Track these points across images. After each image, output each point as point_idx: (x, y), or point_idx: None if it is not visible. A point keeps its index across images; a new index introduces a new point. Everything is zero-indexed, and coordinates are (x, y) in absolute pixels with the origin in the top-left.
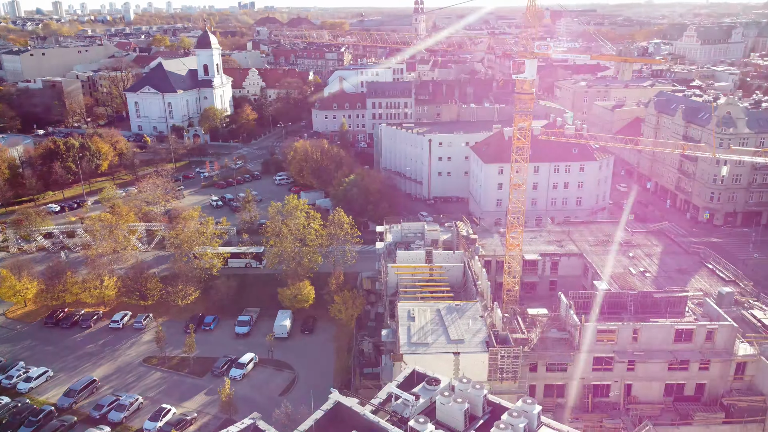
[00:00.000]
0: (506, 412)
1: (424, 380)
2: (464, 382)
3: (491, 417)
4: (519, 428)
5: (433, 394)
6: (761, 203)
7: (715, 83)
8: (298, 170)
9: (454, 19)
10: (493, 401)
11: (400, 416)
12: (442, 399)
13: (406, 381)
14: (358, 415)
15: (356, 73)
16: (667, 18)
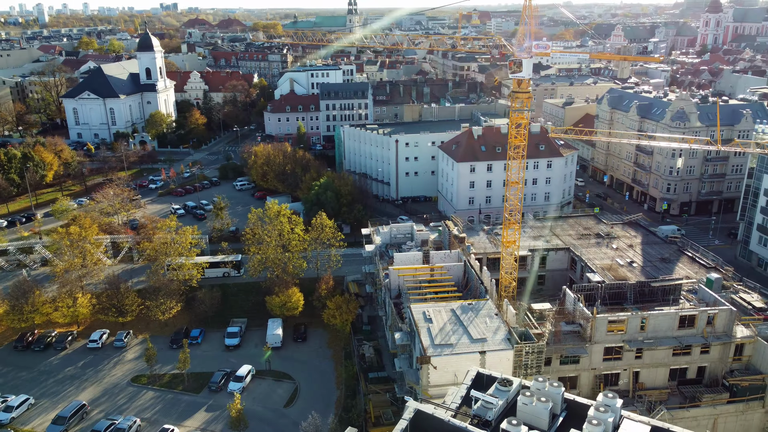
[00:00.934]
0: (591, 407)
1: (496, 381)
2: (540, 380)
3: (569, 414)
4: (608, 423)
5: (508, 394)
6: (712, 192)
7: (651, 80)
8: (260, 175)
9: (385, 20)
10: (567, 398)
11: (484, 419)
12: (524, 399)
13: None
14: (442, 422)
15: (306, 75)
16: (588, 18)
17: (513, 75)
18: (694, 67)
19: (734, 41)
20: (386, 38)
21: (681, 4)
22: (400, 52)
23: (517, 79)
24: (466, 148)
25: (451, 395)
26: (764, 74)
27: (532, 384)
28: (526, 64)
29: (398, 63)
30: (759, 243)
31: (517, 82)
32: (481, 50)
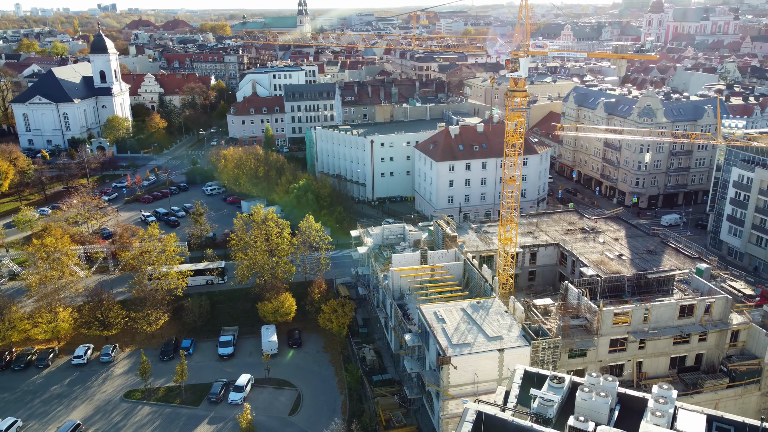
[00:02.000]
0: (649, 399)
1: (547, 378)
2: (594, 375)
3: (622, 407)
4: (669, 413)
5: (562, 391)
6: (677, 186)
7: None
8: (232, 179)
9: (335, 21)
10: (619, 391)
11: (544, 417)
12: (583, 395)
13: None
14: (506, 422)
15: (269, 76)
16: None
17: (510, 74)
18: (643, 65)
19: (674, 40)
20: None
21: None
22: (359, 53)
23: (513, 78)
24: (444, 148)
25: (499, 394)
26: (714, 71)
27: (586, 379)
28: (523, 64)
29: (359, 64)
30: (729, 233)
31: (514, 81)
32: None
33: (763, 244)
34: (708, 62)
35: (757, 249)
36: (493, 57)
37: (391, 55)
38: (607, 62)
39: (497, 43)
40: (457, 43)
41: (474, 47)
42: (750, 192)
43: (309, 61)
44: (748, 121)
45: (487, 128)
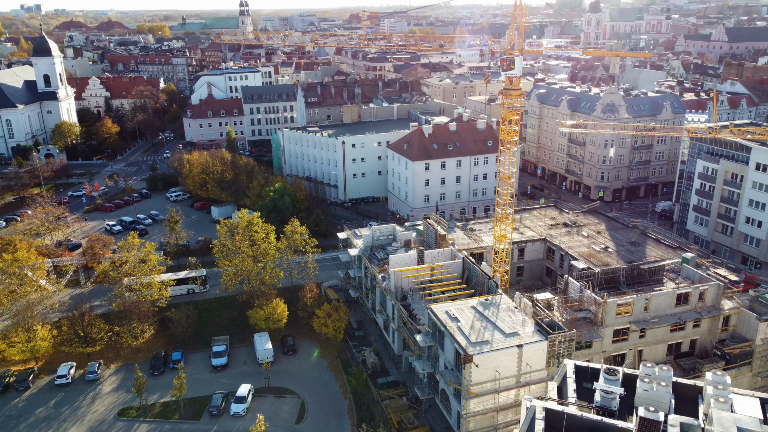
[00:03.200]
0: (707, 386)
1: (602, 372)
2: (648, 366)
3: (677, 395)
4: (729, 398)
5: (617, 383)
6: (639, 179)
7: (555, 76)
8: (198, 184)
9: (276, 22)
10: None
11: (609, 410)
12: (644, 385)
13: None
14: (575, 417)
15: (224, 78)
16: (472, 18)
17: (505, 73)
18: (588, 63)
19: (611, 39)
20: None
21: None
22: (312, 53)
23: (508, 77)
24: (419, 147)
25: (551, 390)
26: (661, 68)
27: (641, 370)
28: (518, 63)
29: (315, 64)
30: (695, 222)
31: (508, 80)
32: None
33: (728, 232)
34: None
35: (723, 237)
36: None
37: (342, 56)
38: (555, 61)
39: (466, 41)
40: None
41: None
42: (715, 183)
43: (262, 63)
44: (701, 115)
45: (460, 127)
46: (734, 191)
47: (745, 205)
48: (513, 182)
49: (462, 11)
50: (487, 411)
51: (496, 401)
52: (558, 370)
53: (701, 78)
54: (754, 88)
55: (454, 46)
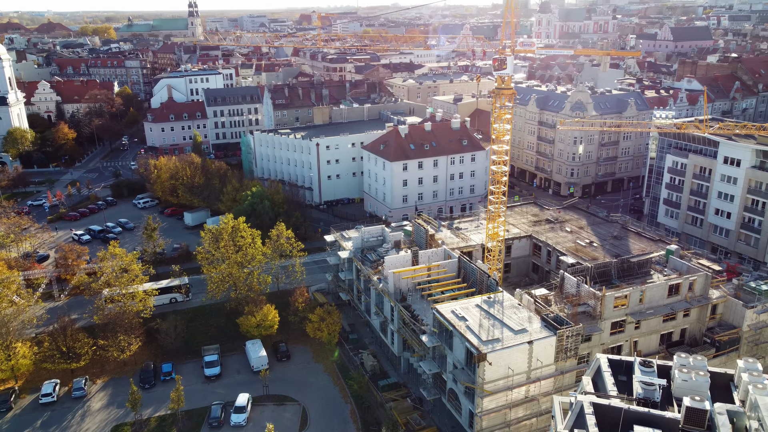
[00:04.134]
0: (741, 373)
1: (638, 364)
2: (683, 356)
3: (712, 383)
4: (766, 384)
5: (654, 374)
6: (606, 174)
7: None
8: (167, 190)
9: (225, 23)
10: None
11: (652, 401)
12: (683, 375)
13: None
14: (621, 411)
15: (185, 81)
16: (422, 19)
17: (497, 73)
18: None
19: (561, 38)
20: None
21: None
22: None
23: (500, 77)
24: (396, 148)
25: (587, 384)
26: (618, 67)
27: (676, 360)
28: (510, 62)
29: (276, 66)
30: (666, 215)
31: (500, 79)
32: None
33: (698, 224)
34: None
35: (693, 228)
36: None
37: (300, 57)
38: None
39: (441, 40)
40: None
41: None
42: (684, 177)
43: (221, 65)
44: (669, 111)
45: (435, 127)
46: (703, 184)
47: (714, 197)
48: (505, 181)
49: (411, 12)
50: (500, 408)
51: (508, 398)
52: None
53: (655, 76)
54: (709, 85)
55: (429, 46)
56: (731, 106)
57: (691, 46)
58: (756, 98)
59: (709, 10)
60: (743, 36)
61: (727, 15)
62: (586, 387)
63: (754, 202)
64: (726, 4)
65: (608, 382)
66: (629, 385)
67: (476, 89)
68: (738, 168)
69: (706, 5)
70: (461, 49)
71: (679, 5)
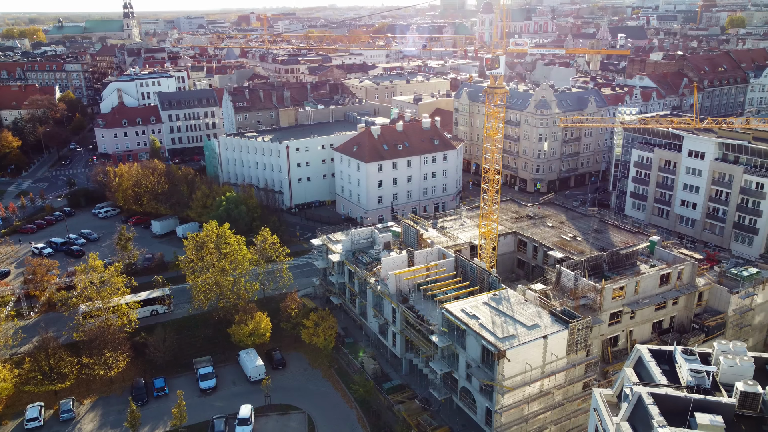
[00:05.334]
0: None
1: (680, 353)
2: (723, 343)
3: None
4: None
5: (698, 362)
6: (570, 170)
7: (465, 74)
8: (131, 198)
9: (161, 24)
10: None
11: (704, 388)
12: (728, 361)
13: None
14: (679, 399)
15: (135, 84)
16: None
17: (489, 72)
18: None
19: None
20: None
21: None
22: (219, 56)
23: (493, 76)
24: (370, 149)
25: (630, 375)
26: (568, 65)
27: (717, 347)
28: (502, 62)
29: (228, 68)
30: (633, 208)
31: (493, 79)
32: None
33: (665, 215)
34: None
35: (660, 220)
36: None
37: (248, 59)
38: (464, 61)
39: (410, 39)
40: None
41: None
42: (650, 170)
43: (170, 68)
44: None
45: (406, 126)
46: (669, 177)
47: (680, 189)
48: (498, 178)
49: (348, 12)
50: (517, 404)
51: (525, 393)
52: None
53: (602, 74)
54: (660, 82)
55: (398, 45)
56: (680, 102)
57: (630, 45)
58: (702, 94)
59: (637, 11)
60: (673, 35)
61: (655, 15)
62: (631, 378)
63: (718, 192)
64: (652, 5)
65: (655, 371)
66: (673, 373)
67: (435, 89)
68: (702, 161)
69: (634, 5)
70: (430, 48)
71: (609, 6)
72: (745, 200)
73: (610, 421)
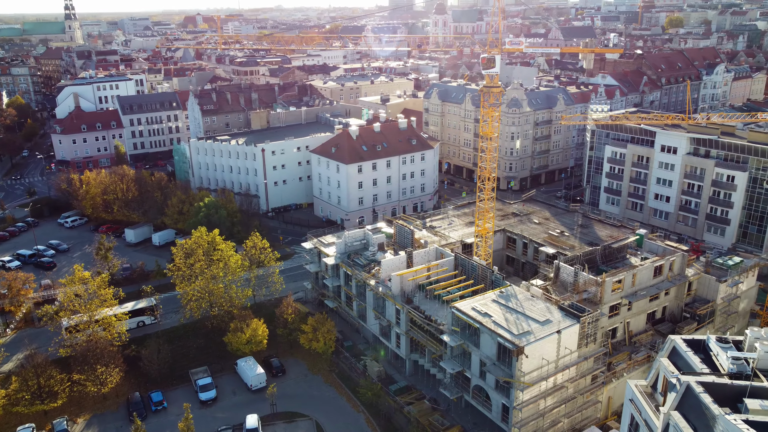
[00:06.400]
0: None
1: (714, 342)
2: (755, 330)
3: None
4: None
5: (733, 349)
6: (540, 167)
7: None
8: (100, 206)
9: (104, 26)
10: None
11: (746, 374)
12: (764, 348)
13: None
14: (726, 386)
15: (92, 88)
16: (312, 20)
17: (485, 71)
18: (450, 62)
19: (456, 39)
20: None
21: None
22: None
23: (488, 75)
24: (350, 150)
25: (666, 365)
26: (528, 65)
27: (751, 334)
28: (498, 61)
29: (187, 70)
30: (607, 202)
31: (489, 78)
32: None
33: (638, 209)
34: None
35: (634, 213)
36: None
37: (204, 61)
38: (423, 61)
39: (382, 40)
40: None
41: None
42: (624, 165)
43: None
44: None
45: (383, 127)
46: (642, 171)
47: (653, 183)
48: (494, 177)
49: (296, 14)
50: (535, 399)
51: (540, 388)
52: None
53: (562, 73)
54: (621, 80)
55: (368, 44)
56: (641, 99)
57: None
58: (660, 91)
59: (581, 11)
60: (618, 35)
61: (599, 15)
62: (669, 368)
63: (690, 185)
64: (594, 6)
65: (695, 360)
66: (710, 362)
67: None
68: (675, 155)
69: (577, 6)
70: (403, 48)
71: (554, 6)
72: (716, 192)
73: (652, 411)
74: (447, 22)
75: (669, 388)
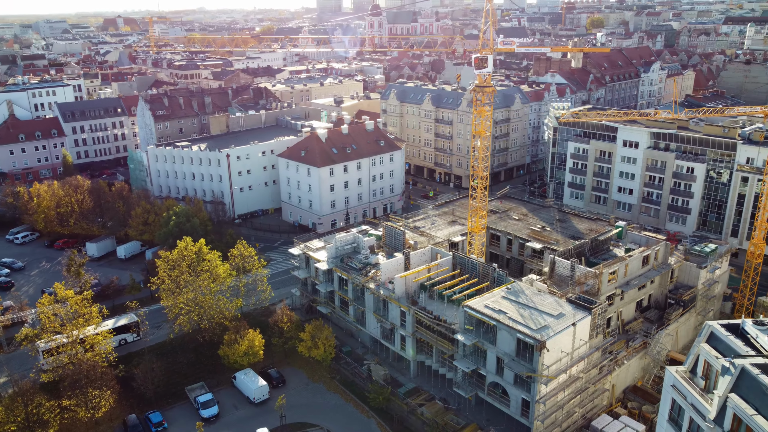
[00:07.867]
0: None
1: (751, 324)
2: None
3: None
4: None
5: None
6: (500, 165)
7: (374, 76)
8: (55, 220)
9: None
10: None
11: None
12: None
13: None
14: None
15: (27, 95)
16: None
17: (478, 71)
18: (393, 63)
19: (391, 41)
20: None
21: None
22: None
23: (481, 75)
24: (321, 153)
25: (707, 350)
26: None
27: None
28: (490, 61)
29: (126, 75)
30: (572, 197)
31: (481, 78)
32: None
33: (602, 202)
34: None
35: (598, 207)
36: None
37: (139, 64)
38: (367, 63)
39: (346, 41)
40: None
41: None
42: (587, 161)
43: (56, 76)
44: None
45: (351, 129)
46: (605, 166)
47: (616, 176)
48: (487, 175)
49: (221, 16)
50: (555, 392)
51: (559, 381)
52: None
53: (507, 72)
54: (569, 79)
55: (334, 47)
56: (588, 96)
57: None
58: (605, 88)
59: (507, 12)
60: (548, 35)
61: (525, 17)
62: (711, 352)
63: (652, 177)
64: (518, 7)
65: (738, 344)
66: (751, 345)
67: (349, 91)
68: (636, 149)
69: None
70: (365, 48)
71: (480, 8)
72: (677, 183)
73: (699, 395)
74: (382, 24)
75: (718, 372)
